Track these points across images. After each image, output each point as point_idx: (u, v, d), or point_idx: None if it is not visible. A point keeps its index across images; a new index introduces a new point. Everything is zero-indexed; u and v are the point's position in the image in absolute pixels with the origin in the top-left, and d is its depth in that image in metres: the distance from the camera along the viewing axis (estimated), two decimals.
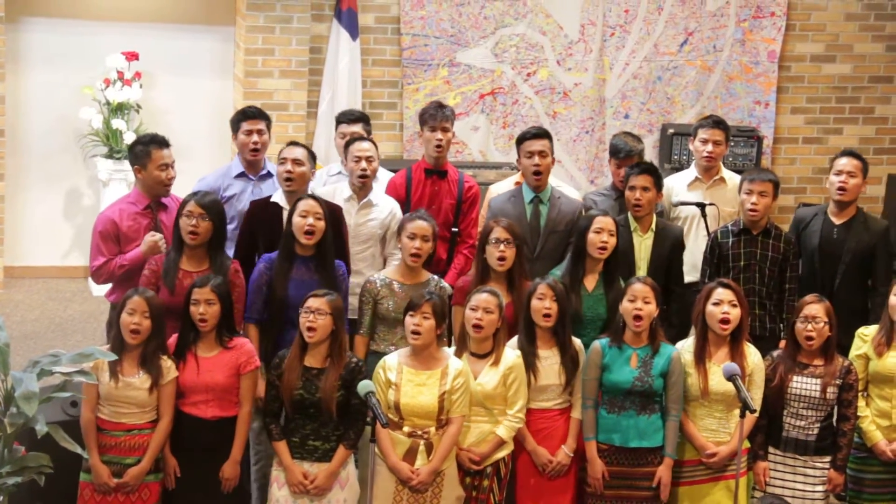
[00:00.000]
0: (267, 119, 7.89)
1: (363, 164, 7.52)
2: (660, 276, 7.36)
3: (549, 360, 6.74)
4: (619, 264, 7.20)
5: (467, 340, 6.64)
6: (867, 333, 6.99)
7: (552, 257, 7.56)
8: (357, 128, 8.05)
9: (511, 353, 6.63)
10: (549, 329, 6.74)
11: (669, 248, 7.50)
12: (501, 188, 8.11)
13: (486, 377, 6.59)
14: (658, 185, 7.52)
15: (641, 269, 7.41)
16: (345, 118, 8.22)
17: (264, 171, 7.85)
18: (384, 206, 7.61)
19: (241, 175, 7.79)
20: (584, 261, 7.13)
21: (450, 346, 7.26)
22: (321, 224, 6.89)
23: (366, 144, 7.59)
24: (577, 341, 6.83)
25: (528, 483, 6.77)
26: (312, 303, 6.41)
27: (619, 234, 7.36)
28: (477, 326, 6.55)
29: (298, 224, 6.87)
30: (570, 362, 6.75)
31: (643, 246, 7.49)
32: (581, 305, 7.07)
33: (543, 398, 6.74)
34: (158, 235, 7.18)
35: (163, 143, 7.46)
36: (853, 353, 6.97)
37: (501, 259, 6.99)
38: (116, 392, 6.41)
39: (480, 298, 6.58)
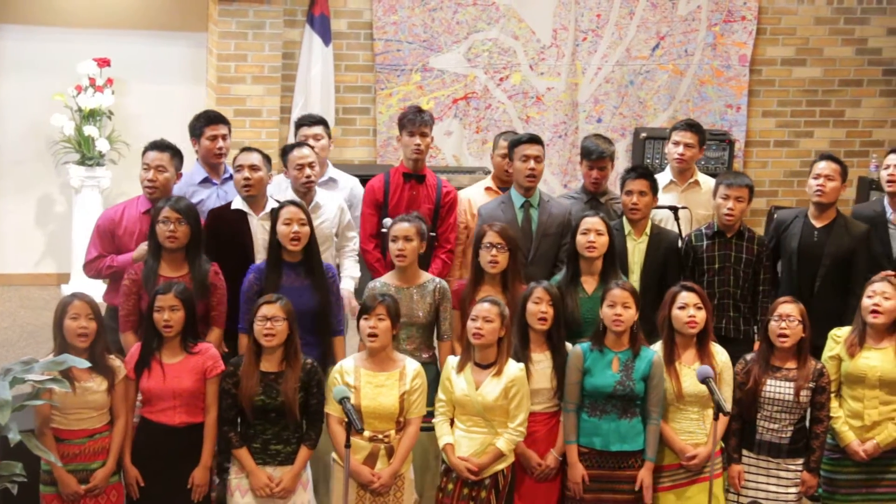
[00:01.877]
0: (228, 123, 7.87)
1: (307, 170, 7.53)
2: (653, 280, 7.38)
3: (542, 364, 6.73)
4: (615, 263, 7.20)
5: (471, 350, 6.64)
6: (840, 335, 7.02)
7: (546, 260, 7.58)
8: (318, 129, 8.03)
9: (514, 365, 6.61)
10: (543, 333, 6.75)
11: (664, 252, 7.50)
12: (472, 192, 8.12)
13: (487, 388, 6.57)
14: (654, 189, 7.53)
15: (635, 272, 7.42)
16: (305, 121, 8.17)
17: (226, 175, 7.81)
18: (331, 206, 7.65)
19: (204, 181, 7.76)
20: (577, 263, 7.14)
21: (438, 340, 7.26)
22: (306, 230, 6.90)
23: (306, 151, 7.59)
24: (569, 346, 6.84)
25: (519, 485, 6.79)
26: (267, 310, 6.41)
27: (612, 238, 7.39)
28: (477, 335, 6.55)
29: (283, 232, 6.89)
30: (561, 367, 6.76)
31: (637, 250, 7.49)
32: (579, 308, 7.07)
33: (534, 402, 6.72)
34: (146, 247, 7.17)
35: (153, 145, 7.44)
36: (826, 354, 6.99)
37: (493, 263, 7.00)
38: (75, 399, 6.36)
39: (481, 308, 6.58)
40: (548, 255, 7.59)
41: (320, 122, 8.15)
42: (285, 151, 7.64)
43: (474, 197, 8.02)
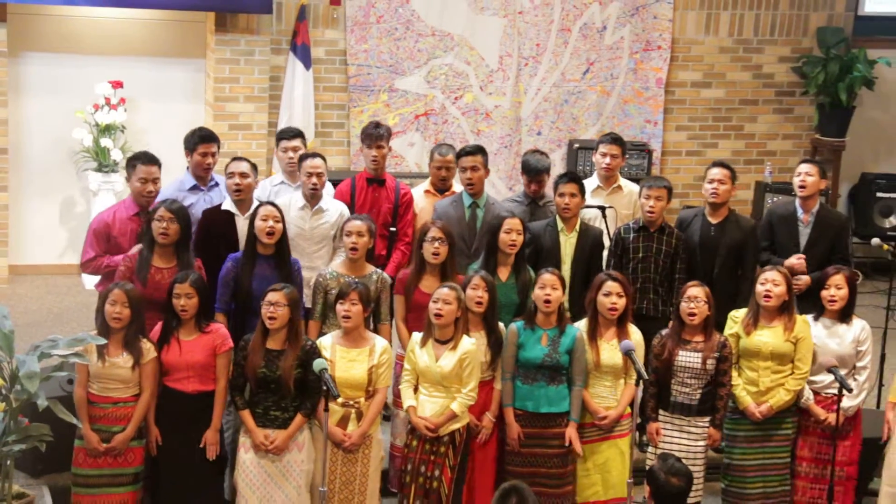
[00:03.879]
0: (218, 141, 7.84)
1: (314, 178, 7.50)
2: (582, 269, 7.41)
3: (478, 341, 6.75)
4: (525, 257, 7.22)
5: (432, 328, 6.64)
6: (738, 316, 7.10)
7: None
8: (297, 142, 7.97)
9: (468, 341, 6.63)
10: (479, 315, 6.76)
11: (591, 245, 7.54)
12: (413, 193, 8.00)
13: (445, 360, 6.59)
14: (582, 192, 7.56)
15: (566, 263, 7.45)
16: (285, 135, 8.11)
17: (212, 183, 7.79)
18: (333, 211, 7.60)
19: (193, 188, 7.72)
20: (496, 256, 7.15)
21: (390, 324, 7.24)
22: (279, 226, 6.90)
23: (317, 161, 7.54)
24: (501, 326, 6.85)
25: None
26: (272, 296, 6.43)
27: (547, 233, 7.39)
28: (438, 315, 6.55)
29: (260, 227, 6.87)
30: (495, 343, 6.78)
31: (568, 244, 7.53)
32: (496, 293, 7.09)
33: None
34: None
35: (147, 159, 7.40)
36: (726, 332, 7.06)
37: (435, 254, 6.99)
38: (104, 371, 6.42)
39: (441, 292, 6.59)
40: None
41: (298, 135, 8.10)
42: (302, 158, 7.60)
43: (416, 198, 7.99)
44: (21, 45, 10.38)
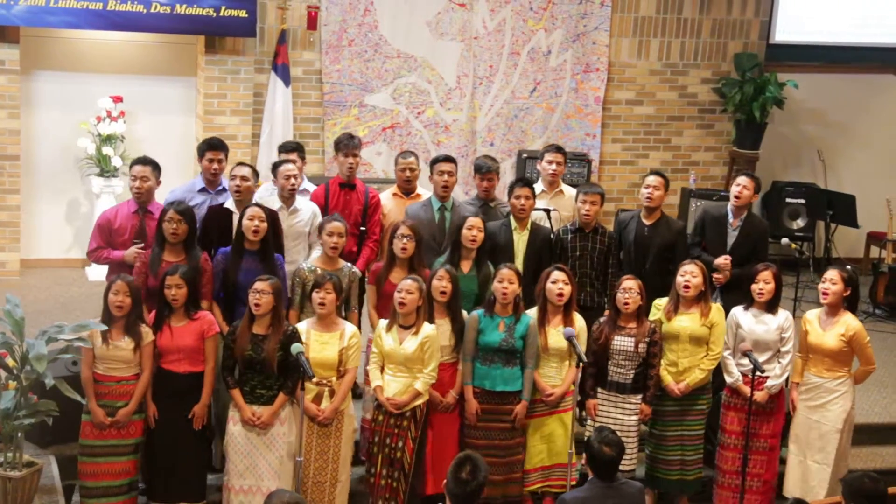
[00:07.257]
0: (226, 149, 7.80)
1: (292, 180, 7.48)
2: (532, 263, 7.42)
3: (443, 327, 6.75)
4: (486, 252, 7.21)
5: (396, 315, 6.62)
6: (660, 304, 7.14)
7: None
8: (293, 155, 7.93)
9: (429, 326, 6.63)
10: (444, 303, 6.75)
11: (540, 243, 7.55)
12: (382, 197, 7.95)
13: (408, 343, 6.59)
14: (534, 195, 7.58)
15: (518, 258, 7.45)
16: (284, 148, 8.08)
17: (221, 187, 7.75)
18: (306, 210, 7.59)
19: (202, 190, 7.70)
20: (460, 250, 7.15)
21: (359, 312, 7.22)
22: (264, 226, 6.87)
23: (290, 166, 7.55)
24: (464, 313, 6.85)
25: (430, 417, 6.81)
26: (258, 285, 6.42)
27: (502, 231, 7.41)
28: (401, 304, 6.54)
29: (247, 226, 6.85)
30: (458, 329, 6.77)
31: (521, 241, 7.53)
32: (459, 284, 7.07)
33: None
34: (135, 250, 7.12)
35: (137, 161, 7.44)
36: (650, 318, 7.09)
37: (403, 249, 6.98)
38: (108, 353, 6.39)
39: (405, 283, 6.58)
40: None
41: (296, 148, 8.05)
42: (276, 166, 7.57)
43: (384, 200, 7.96)
44: (32, 64, 10.29)
